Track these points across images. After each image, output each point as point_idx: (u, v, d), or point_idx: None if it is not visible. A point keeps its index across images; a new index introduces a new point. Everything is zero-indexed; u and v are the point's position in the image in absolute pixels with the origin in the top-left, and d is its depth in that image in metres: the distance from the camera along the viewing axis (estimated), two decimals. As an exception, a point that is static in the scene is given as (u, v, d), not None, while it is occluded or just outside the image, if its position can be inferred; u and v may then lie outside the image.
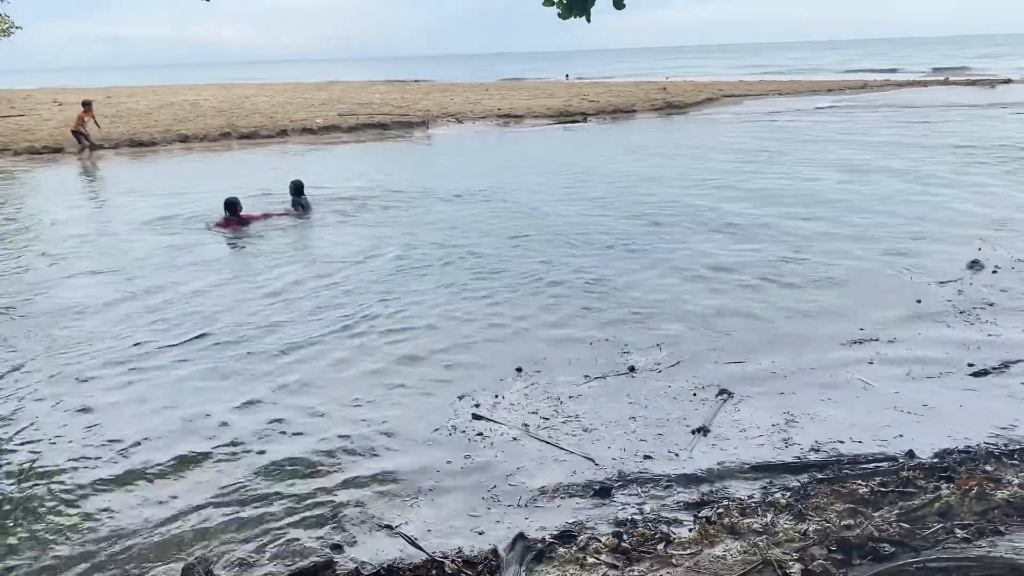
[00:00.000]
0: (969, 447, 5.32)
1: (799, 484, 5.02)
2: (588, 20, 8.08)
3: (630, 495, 5.08)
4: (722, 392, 6.58)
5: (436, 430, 6.21)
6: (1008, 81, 48.06)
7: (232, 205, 13.81)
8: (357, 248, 12.38)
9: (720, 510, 4.76)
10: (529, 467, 5.56)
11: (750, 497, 4.93)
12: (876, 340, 7.65)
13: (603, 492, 5.10)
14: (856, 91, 44.86)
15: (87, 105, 26.47)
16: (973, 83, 47.89)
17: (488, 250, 11.94)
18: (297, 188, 15.12)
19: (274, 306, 9.52)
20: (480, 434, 6.09)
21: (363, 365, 7.68)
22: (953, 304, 8.56)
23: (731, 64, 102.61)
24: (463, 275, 10.66)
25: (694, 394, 6.62)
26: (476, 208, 15.29)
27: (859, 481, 4.91)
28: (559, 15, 7.94)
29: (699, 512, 4.80)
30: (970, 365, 6.92)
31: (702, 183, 17.15)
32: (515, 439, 5.98)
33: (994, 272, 9.59)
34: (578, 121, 33.47)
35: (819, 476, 5.08)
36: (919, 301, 8.73)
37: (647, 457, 5.60)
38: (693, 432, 5.92)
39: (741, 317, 8.52)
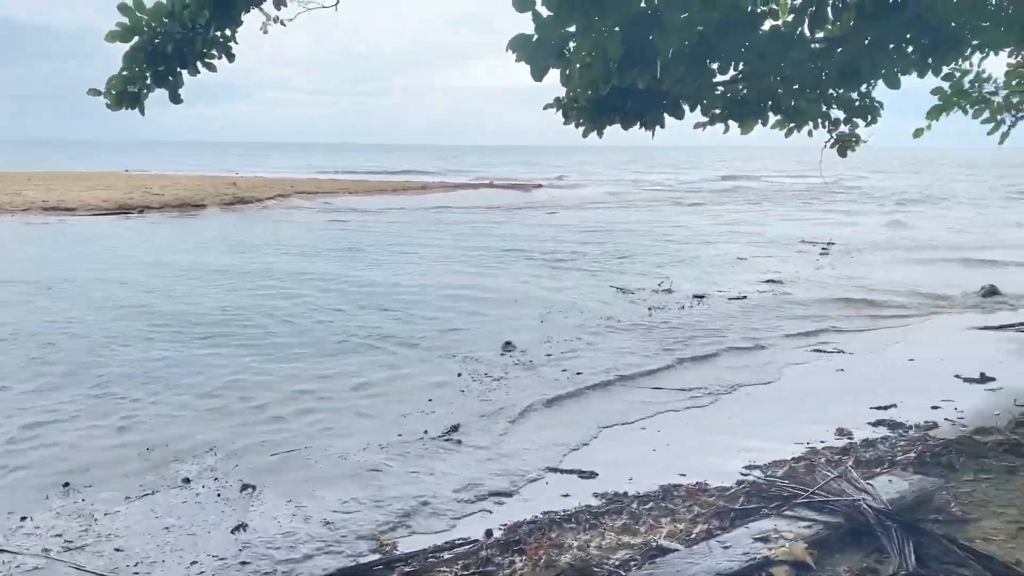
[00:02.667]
0: (536, 517, 5.79)
1: (389, 582, 5.00)
2: (142, 113, 7.58)
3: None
4: (247, 487, 6.65)
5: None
6: (539, 186, 55.97)
7: None
8: None
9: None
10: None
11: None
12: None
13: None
14: (418, 191, 48.55)
15: None
16: (514, 187, 54.85)
17: (30, 352, 10.53)
18: None
19: None
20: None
21: None
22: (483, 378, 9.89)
23: (306, 162, 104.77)
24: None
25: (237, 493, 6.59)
26: None
27: (444, 568, 5.03)
28: (108, 106, 7.35)
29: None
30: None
31: (262, 276, 17.04)
32: (37, 568, 5.37)
33: (523, 352, 11.13)
34: (134, 215, 31.25)
35: (406, 570, 5.10)
36: (459, 375, 9.97)
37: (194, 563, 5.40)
38: (233, 531, 5.88)
39: (281, 413, 8.62)
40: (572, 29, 5.18)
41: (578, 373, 10.07)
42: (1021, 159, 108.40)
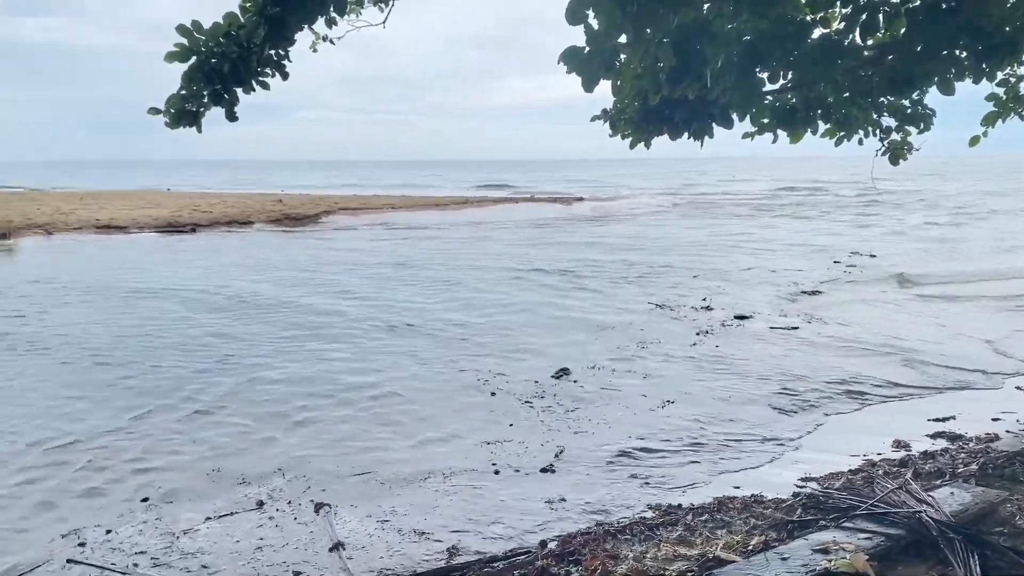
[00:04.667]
0: (590, 528, 5.78)
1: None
2: (199, 130, 7.80)
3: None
4: (322, 506, 6.55)
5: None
6: (580, 199, 55.96)
7: None
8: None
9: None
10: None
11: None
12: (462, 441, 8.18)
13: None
14: (459, 206, 48.82)
15: None
16: (555, 201, 54.92)
17: (87, 366, 10.83)
18: None
19: None
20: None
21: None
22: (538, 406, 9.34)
23: (347, 179, 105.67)
24: (64, 390, 9.67)
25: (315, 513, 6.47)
26: (62, 324, 13.64)
27: (499, 578, 5.05)
28: (167, 124, 7.57)
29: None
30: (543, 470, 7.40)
31: (316, 287, 17.18)
32: None
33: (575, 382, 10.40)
34: (187, 232, 31.81)
35: (463, 579, 5.13)
36: (527, 403, 9.48)
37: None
38: (330, 550, 5.78)
39: (346, 434, 8.50)
40: (623, 40, 5.23)
41: (626, 393, 9.98)
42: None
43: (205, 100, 7.23)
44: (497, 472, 7.30)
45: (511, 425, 8.63)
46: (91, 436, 8.24)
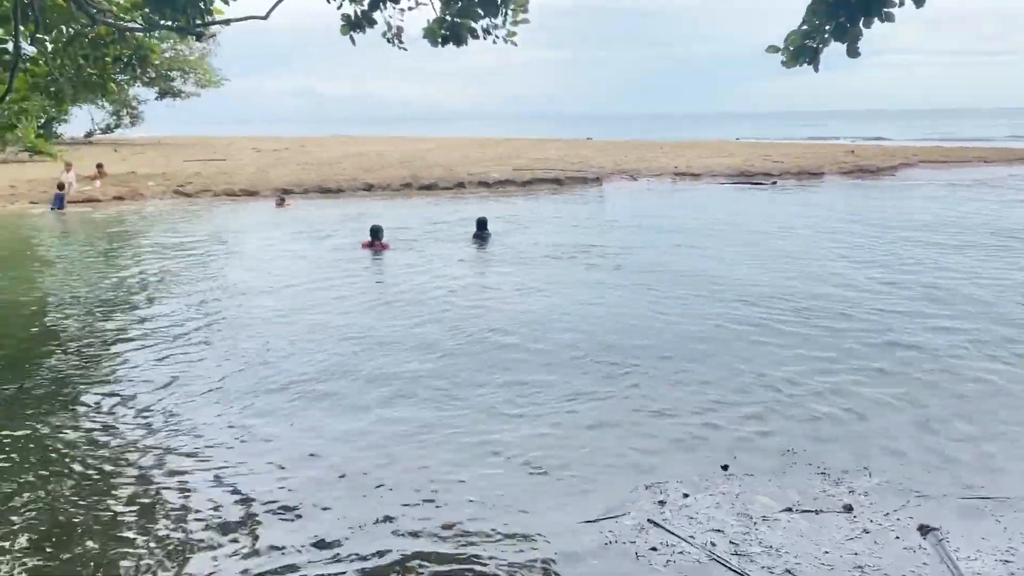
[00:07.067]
0: None
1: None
2: (816, 69, 7.33)
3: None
4: (930, 531, 5.31)
5: (600, 522, 5.42)
6: None
7: (376, 231, 16.23)
8: (520, 291, 12.66)
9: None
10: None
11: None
12: None
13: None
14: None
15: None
16: None
17: (680, 324, 10.67)
18: (481, 224, 17.47)
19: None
20: (654, 548, 5.16)
21: (528, 429, 7.13)
22: None
23: (928, 130, 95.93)
24: (652, 339, 9.91)
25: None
26: (657, 270, 14.44)
27: None
28: (783, 63, 7.27)
29: None
30: None
31: (927, 266, 15.05)
32: (699, 562, 4.98)
33: None
34: (763, 184, 30.99)
35: None
36: None
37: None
38: None
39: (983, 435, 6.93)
40: None
41: None
42: None
43: (826, 35, 6.80)
44: None
45: None
46: (696, 390, 8.05)
